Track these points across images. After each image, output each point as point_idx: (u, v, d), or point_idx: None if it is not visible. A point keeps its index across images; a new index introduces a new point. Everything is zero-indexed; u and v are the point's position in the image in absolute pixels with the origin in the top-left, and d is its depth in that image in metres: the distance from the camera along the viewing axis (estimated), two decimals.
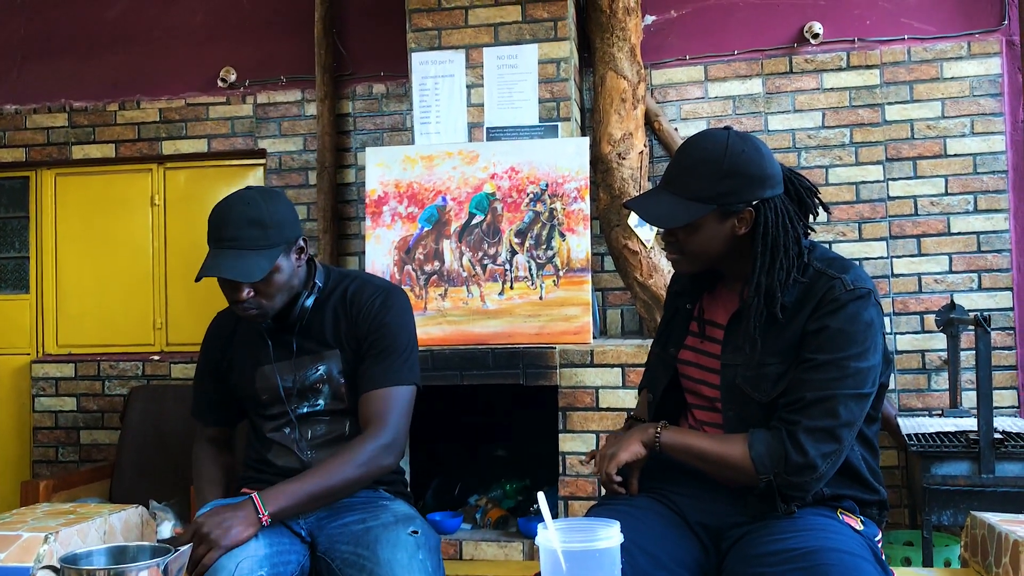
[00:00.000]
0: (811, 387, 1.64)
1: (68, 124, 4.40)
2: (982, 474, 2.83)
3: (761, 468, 1.64)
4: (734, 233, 1.72)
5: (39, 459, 4.35)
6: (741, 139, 1.72)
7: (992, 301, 3.73)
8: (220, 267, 1.93)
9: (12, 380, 4.47)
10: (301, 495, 1.89)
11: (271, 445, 2.11)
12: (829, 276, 1.70)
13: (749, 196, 1.69)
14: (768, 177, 1.70)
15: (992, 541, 1.86)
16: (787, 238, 1.70)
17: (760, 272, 1.70)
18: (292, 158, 4.21)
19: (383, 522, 1.97)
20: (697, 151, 1.73)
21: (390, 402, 2.01)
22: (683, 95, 3.97)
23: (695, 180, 1.70)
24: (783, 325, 1.71)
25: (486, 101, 3.70)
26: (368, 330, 2.05)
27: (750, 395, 1.72)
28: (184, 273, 4.37)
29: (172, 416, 3.95)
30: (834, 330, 1.65)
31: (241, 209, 1.95)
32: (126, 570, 1.12)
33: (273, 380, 2.08)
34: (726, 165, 1.68)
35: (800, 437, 1.62)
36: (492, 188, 3.57)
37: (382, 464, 1.97)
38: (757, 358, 1.71)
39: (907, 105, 3.81)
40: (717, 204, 1.69)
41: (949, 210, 3.78)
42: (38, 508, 2.16)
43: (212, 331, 2.26)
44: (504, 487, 3.74)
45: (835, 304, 1.66)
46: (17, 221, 4.57)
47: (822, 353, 1.65)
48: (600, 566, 1.45)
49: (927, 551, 2.90)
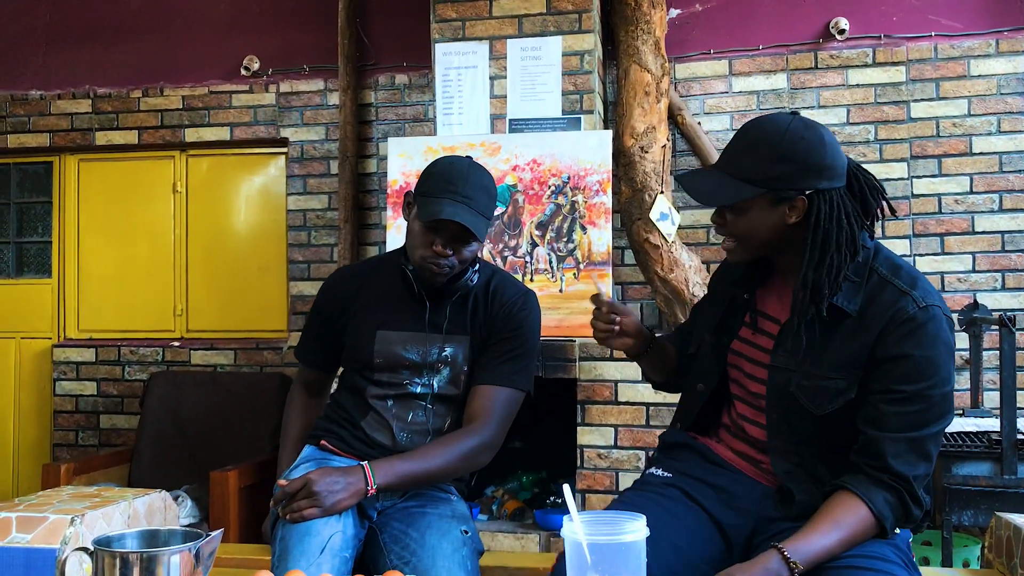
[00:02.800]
0: (901, 424, 1.60)
1: (92, 110, 4.42)
2: (1004, 475, 2.81)
3: (891, 530, 1.62)
4: (784, 222, 1.65)
5: (59, 442, 4.39)
6: (804, 125, 1.65)
7: (1016, 301, 3.70)
8: (461, 214, 1.95)
9: (34, 364, 4.51)
10: (408, 475, 1.94)
11: (368, 411, 2.10)
12: (897, 289, 1.63)
13: (803, 184, 1.62)
14: (827, 167, 1.63)
15: (1017, 542, 1.84)
16: (840, 234, 1.63)
17: (808, 266, 1.64)
18: (314, 147, 4.22)
19: (440, 512, 2.00)
20: (756, 132, 1.67)
21: (503, 402, 2.04)
22: (707, 89, 3.95)
23: (748, 161, 1.65)
24: (847, 337, 1.65)
25: (509, 93, 3.70)
26: (503, 326, 2.07)
27: (804, 405, 1.67)
28: (205, 260, 4.40)
29: (191, 402, 3.97)
30: (919, 359, 1.59)
31: (479, 175, 2.01)
32: (159, 554, 1.12)
33: (395, 348, 2.08)
34: (782, 149, 1.62)
35: (917, 491, 1.60)
36: (514, 180, 3.57)
37: (480, 461, 2.02)
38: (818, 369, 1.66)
39: (933, 102, 3.78)
40: (768, 188, 1.63)
41: (974, 209, 3.75)
42: (63, 491, 2.18)
43: (333, 286, 2.22)
44: (521, 479, 3.75)
45: (912, 325, 1.60)
46: (40, 206, 4.60)
47: (909, 384, 1.59)
48: (626, 560, 1.45)
49: (947, 551, 2.88)
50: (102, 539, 1.16)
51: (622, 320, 1.85)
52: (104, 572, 1.13)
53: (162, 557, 1.12)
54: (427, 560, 1.85)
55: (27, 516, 1.91)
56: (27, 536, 1.86)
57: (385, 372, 2.09)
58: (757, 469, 1.79)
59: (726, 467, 1.81)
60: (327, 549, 1.80)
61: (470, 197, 1.97)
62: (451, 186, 1.98)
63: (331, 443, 2.11)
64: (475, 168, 2.02)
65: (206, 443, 3.86)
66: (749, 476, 1.79)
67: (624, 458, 3.31)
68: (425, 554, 1.86)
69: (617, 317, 1.85)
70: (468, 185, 1.98)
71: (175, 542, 1.16)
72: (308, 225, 4.23)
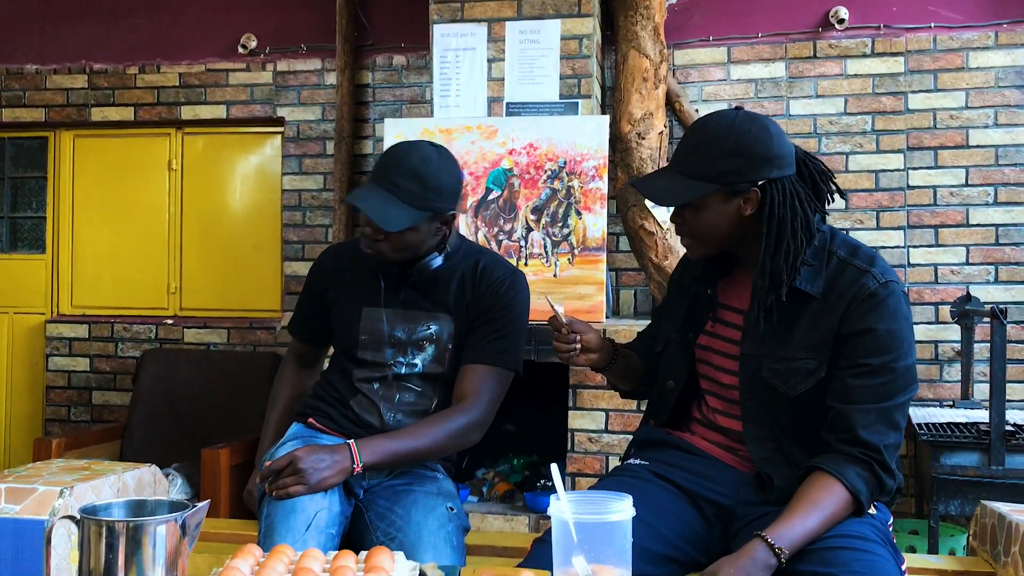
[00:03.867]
0: (868, 396, 1.63)
1: (88, 86, 4.40)
2: (992, 465, 2.83)
3: (867, 505, 1.64)
4: (740, 214, 1.69)
5: (51, 417, 4.39)
6: (749, 118, 1.69)
7: (1008, 294, 3.71)
8: (367, 201, 1.94)
9: (27, 339, 4.50)
10: (394, 453, 1.94)
11: (356, 393, 2.11)
12: (857, 268, 1.68)
13: (754, 176, 1.66)
14: (775, 157, 1.67)
15: (1002, 530, 1.86)
16: (795, 220, 1.67)
17: (765, 255, 1.67)
18: (310, 127, 4.21)
19: (426, 490, 2.02)
20: (703, 130, 1.71)
21: (492, 381, 2.04)
22: (705, 76, 3.94)
23: (699, 159, 1.68)
24: (814, 318, 1.68)
25: (507, 76, 3.69)
26: (491, 306, 2.06)
27: (777, 388, 1.71)
28: (200, 239, 4.39)
29: (184, 380, 3.97)
30: (882, 332, 1.63)
31: (414, 161, 1.96)
32: (145, 523, 1.13)
33: (379, 324, 2.08)
34: (730, 144, 1.66)
35: (887, 461, 1.63)
36: (510, 164, 3.57)
37: (469, 439, 2.02)
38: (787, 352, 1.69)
39: (931, 94, 3.78)
40: (721, 183, 1.66)
41: (969, 201, 3.75)
42: (52, 463, 2.18)
43: (324, 261, 2.24)
44: (512, 462, 3.76)
45: (873, 301, 1.64)
46: (35, 181, 4.59)
47: (874, 357, 1.63)
48: (611, 539, 1.46)
49: (933, 540, 2.90)
50: (88, 508, 1.16)
51: (583, 338, 1.85)
52: (90, 541, 1.13)
53: (148, 527, 1.12)
54: (413, 536, 1.86)
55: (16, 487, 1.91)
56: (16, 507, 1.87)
57: (369, 350, 2.09)
58: (735, 456, 1.81)
59: (703, 455, 1.83)
60: (312, 526, 1.81)
61: (393, 183, 1.94)
62: (381, 170, 1.98)
63: (319, 421, 2.12)
64: (416, 153, 1.97)
65: (198, 421, 3.87)
66: (726, 463, 1.81)
67: (614, 442, 3.32)
68: (411, 530, 1.88)
69: (577, 336, 1.84)
70: (397, 170, 1.95)
71: (161, 512, 1.16)
72: (303, 205, 4.22)
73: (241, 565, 1.43)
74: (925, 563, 1.96)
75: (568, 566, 1.46)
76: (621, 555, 1.46)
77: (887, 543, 1.65)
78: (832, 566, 1.54)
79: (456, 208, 2.04)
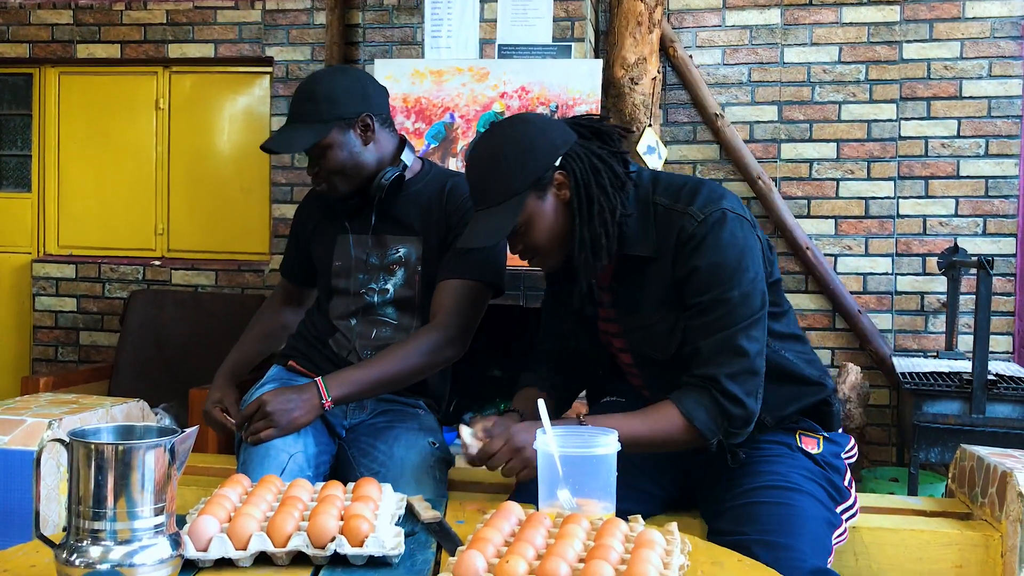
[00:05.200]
0: (707, 332, 1.62)
1: (73, 22, 4.32)
2: (973, 414, 2.87)
3: (709, 432, 1.61)
4: (562, 200, 1.65)
5: (39, 357, 4.39)
6: (507, 121, 1.68)
7: (995, 246, 3.73)
8: (273, 139, 2.02)
9: (13, 278, 4.48)
10: (364, 382, 1.89)
11: (334, 332, 2.11)
12: (676, 213, 1.65)
13: (547, 163, 1.62)
14: (550, 137, 1.64)
15: (980, 472, 1.89)
16: (599, 177, 1.63)
17: (581, 225, 1.63)
18: (299, 67, 4.15)
19: (408, 426, 2.02)
20: (480, 161, 1.68)
21: (463, 295, 1.98)
22: (700, 22, 3.90)
23: (493, 186, 1.64)
24: (654, 276, 1.67)
25: (499, 17, 3.64)
26: (460, 220, 2.02)
27: (651, 355, 1.72)
28: (187, 180, 4.35)
29: (172, 321, 3.97)
30: (705, 267, 1.61)
31: (303, 85, 2.02)
32: (134, 447, 1.13)
33: (351, 250, 2.09)
34: (509, 154, 1.63)
35: (728, 388, 1.60)
36: (502, 107, 3.53)
37: (445, 355, 1.97)
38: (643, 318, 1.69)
39: (925, 44, 3.76)
40: (523, 190, 1.62)
41: (960, 153, 3.75)
42: (41, 397, 2.19)
43: (306, 200, 2.28)
44: (499, 406, 3.79)
45: (693, 242, 1.62)
46: (20, 119, 4.52)
47: (703, 294, 1.62)
48: (596, 472, 1.48)
49: (913, 485, 2.95)
50: (78, 431, 1.16)
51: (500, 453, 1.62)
52: (79, 464, 1.14)
53: (137, 450, 1.13)
54: (396, 471, 1.87)
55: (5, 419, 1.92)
56: (5, 438, 1.88)
57: (342, 278, 2.10)
58: None
59: None
60: (287, 471, 1.81)
61: (293, 113, 2.01)
62: (290, 108, 2.03)
63: (299, 363, 2.12)
64: (309, 79, 2.03)
65: (186, 362, 3.87)
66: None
67: None
68: (394, 465, 1.89)
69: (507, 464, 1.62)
70: (294, 100, 2.02)
71: (150, 437, 1.17)
72: None
73: (230, 494, 1.44)
74: (904, 504, 1.99)
75: (553, 499, 1.48)
76: (606, 489, 1.48)
77: (824, 484, 1.67)
78: (743, 524, 1.56)
79: (367, 108, 2.00)
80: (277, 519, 1.32)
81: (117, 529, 1.12)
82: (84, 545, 1.13)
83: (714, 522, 1.65)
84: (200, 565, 1.28)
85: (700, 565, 1.32)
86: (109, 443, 1.14)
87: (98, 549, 1.12)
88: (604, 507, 1.48)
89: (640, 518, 1.40)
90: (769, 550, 1.48)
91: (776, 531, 1.53)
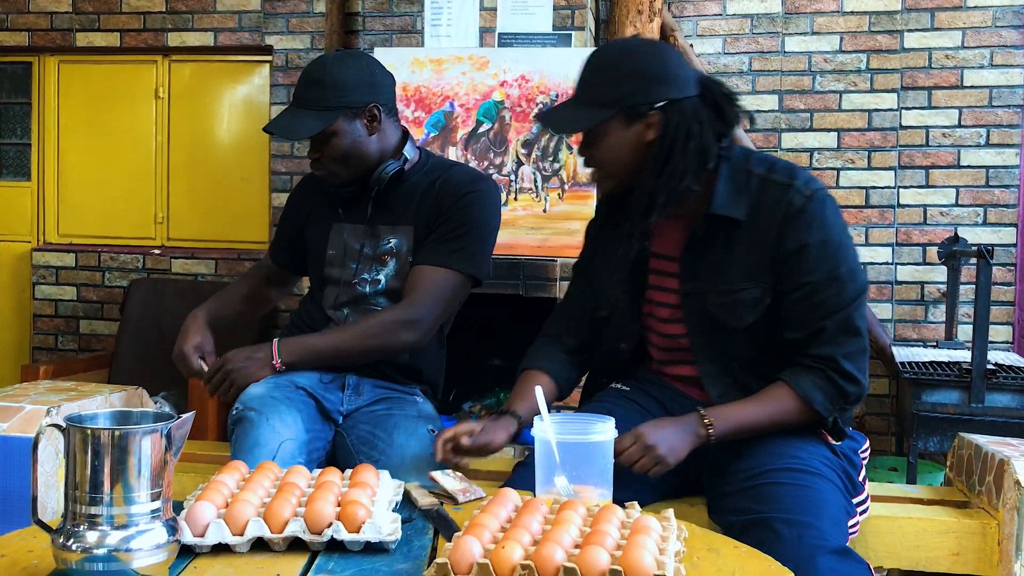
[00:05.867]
0: (822, 312, 1.62)
1: (72, 10, 4.31)
2: (971, 403, 2.86)
3: (826, 412, 1.63)
4: (643, 140, 1.62)
5: (39, 346, 4.39)
6: (643, 41, 1.67)
7: (996, 236, 3.72)
8: (277, 123, 2.00)
9: (13, 267, 4.48)
10: (315, 351, 1.97)
11: (328, 323, 2.11)
12: (779, 184, 1.64)
13: (651, 97, 1.60)
14: (673, 77, 1.61)
15: (978, 460, 1.89)
16: (688, 142, 1.61)
17: (648, 175, 1.62)
18: (299, 56, 4.14)
19: (406, 413, 2.02)
20: (599, 57, 1.67)
21: (433, 281, 1.98)
22: (700, 11, 3.89)
23: (595, 86, 1.64)
24: (746, 243, 1.65)
25: (499, 6, 3.63)
26: (448, 208, 2.02)
27: (725, 322, 1.68)
28: (187, 168, 4.35)
29: (172, 310, 3.96)
30: (816, 244, 1.61)
31: (311, 68, 1.99)
32: (130, 431, 1.13)
33: (346, 239, 2.09)
34: (625, 65, 1.62)
35: (845, 367, 1.61)
36: (501, 96, 3.53)
37: (401, 339, 1.97)
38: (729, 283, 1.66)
39: (927, 33, 3.74)
40: (618, 107, 1.61)
41: (960, 143, 3.74)
42: (40, 384, 2.19)
43: (302, 184, 2.27)
44: (498, 396, 3.79)
45: (803, 216, 1.61)
46: (19, 107, 4.52)
47: (815, 273, 1.62)
48: (593, 459, 1.48)
49: (911, 474, 2.95)
50: (75, 417, 1.16)
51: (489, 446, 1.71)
52: (75, 449, 1.14)
53: (134, 436, 1.13)
54: (396, 459, 1.88)
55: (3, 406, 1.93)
56: (4, 424, 1.88)
57: (336, 266, 2.10)
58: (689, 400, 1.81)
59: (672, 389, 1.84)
60: (278, 458, 1.81)
61: (298, 97, 1.99)
62: (296, 91, 2.01)
63: None
64: (316, 63, 2.01)
65: None
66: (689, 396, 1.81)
67: None
68: (394, 453, 1.90)
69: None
70: (301, 85, 1.99)
71: (147, 423, 1.17)
72: None
73: (227, 480, 1.45)
74: (902, 492, 1.99)
75: (550, 486, 1.48)
76: (602, 476, 1.48)
77: (841, 474, 1.66)
78: (764, 503, 1.55)
79: (375, 99, 1.98)
80: (274, 505, 1.33)
81: (114, 514, 1.12)
82: (81, 530, 1.13)
83: (728, 500, 1.62)
84: (197, 550, 1.28)
85: (696, 551, 1.32)
86: (105, 428, 1.14)
87: (95, 534, 1.12)
88: (601, 494, 1.48)
89: (636, 505, 1.40)
90: (792, 527, 1.48)
91: (798, 510, 1.52)
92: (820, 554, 1.43)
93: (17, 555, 1.26)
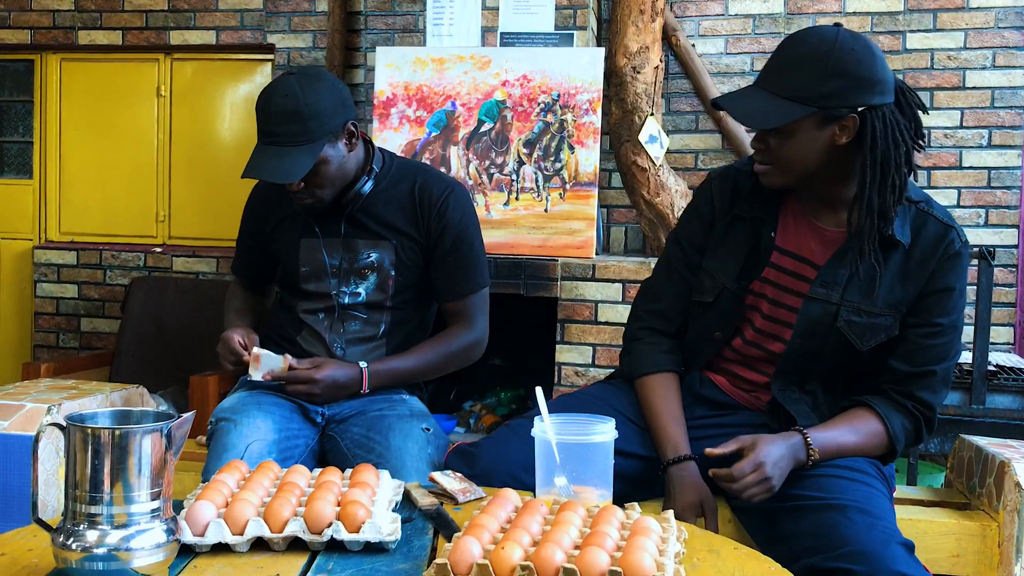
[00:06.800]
0: (936, 355, 1.63)
1: (75, 8, 4.31)
2: (972, 404, 2.86)
3: (900, 451, 1.66)
4: (833, 143, 1.56)
5: (40, 344, 4.39)
6: (852, 37, 1.55)
7: (997, 237, 3.72)
8: (262, 168, 1.88)
9: (14, 265, 4.48)
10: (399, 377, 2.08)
11: (302, 327, 2.11)
12: (940, 222, 1.62)
13: (855, 100, 1.53)
14: (878, 82, 1.54)
15: (978, 462, 1.89)
16: (898, 153, 1.55)
17: (871, 188, 1.54)
18: (301, 55, 4.14)
19: (399, 414, 2.02)
20: (801, 47, 1.57)
21: (474, 305, 2.13)
22: (702, 11, 3.89)
23: (796, 78, 1.55)
24: (899, 272, 1.62)
25: (501, 5, 3.63)
26: (440, 233, 2.07)
27: (850, 340, 1.63)
28: (189, 167, 4.35)
29: (173, 308, 3.97)
30: (957, 291, 1.63)
31: (279, 102, 1.87)
32: (131, 431, 1.13)
33: (319, 255, 2.07)
34: (832, 63, 1.52)
35: (935, 419, 1.64)
36: (503, 95, 3.53)
37: (472, 357, 2.15)
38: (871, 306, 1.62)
39: (929, 34, 3.74)
40: (818, 107, 1.53)
41: (962, 144, 3.74)
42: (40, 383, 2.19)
43: (256, 195, 2.19)
44: (499, 395, 3.79)
45: (957, 260, 1.61)
46: (21, 105, 4.52)
47: (945, 317, 1.63)
48: (594, 460, 1.48)
49: (912, 476, 2.95)
50: (75, 416, 1.16)
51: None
52: (75, 448, 1.14)
53: (134, 435, 1.13)
54: (395, 461, 1.87)
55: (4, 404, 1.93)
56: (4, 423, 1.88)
57: (312, 281, 2.08)
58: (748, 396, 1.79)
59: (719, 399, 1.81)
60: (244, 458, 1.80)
61: (275, 135, 1.87)
62: (261, 126, 1.91)
63: None
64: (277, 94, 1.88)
65: (186, 349, 3.87)
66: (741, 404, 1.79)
67: (601, 376, 3.34)
68: (392, 455, 1.89)
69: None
70: (271, 121, 1.88)
71: (147, 422, 1.17)
72: None
73: (227, 479, 1.45)
74: (903, 493, 1.99)
75: (551, 486, 1.48)
76: (603, 476, 1.48)
77: (881, 475, 1.67)
78: (831, 493, 1.55)
79: (348, 116, 1.95)
80: (274, 505, 1.33)
81: (114, 513, 1.12)
82: (81, 529, 1.13)
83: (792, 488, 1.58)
84: (197, 550, 1.28)
85: (696, 553, 1.32)
86: (106, 427, 1.14)
87: (95, 533, 1.12)
88: (601, 494, 1.48)
89: (636, 506, 1.40)
90: (866, 516, 1.48)
91: (867, 503, 1.53)
92: (893, 543, 1.44)
93: (17, 554, 1.26)
